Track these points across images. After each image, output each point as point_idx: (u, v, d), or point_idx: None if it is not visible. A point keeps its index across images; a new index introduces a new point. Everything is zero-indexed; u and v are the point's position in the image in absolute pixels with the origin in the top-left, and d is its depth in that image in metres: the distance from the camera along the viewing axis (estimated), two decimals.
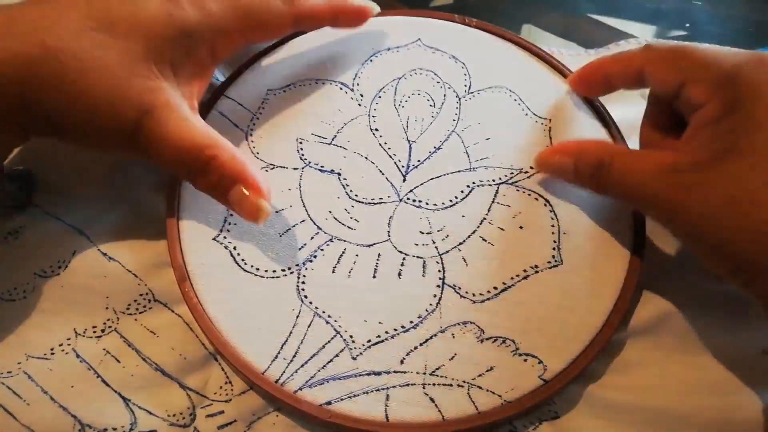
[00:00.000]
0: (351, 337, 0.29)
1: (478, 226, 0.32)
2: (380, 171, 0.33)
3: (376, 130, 0.34)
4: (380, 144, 0.34)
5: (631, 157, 0.28)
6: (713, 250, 0.26)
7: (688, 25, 0.45)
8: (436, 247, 0.31)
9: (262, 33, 0.32)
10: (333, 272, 0.31)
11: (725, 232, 0.25)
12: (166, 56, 0.29)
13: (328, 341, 0.29)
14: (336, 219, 0.32)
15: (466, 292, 0.30)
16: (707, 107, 0.27)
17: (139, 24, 0.28)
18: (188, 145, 0.28)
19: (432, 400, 0.28)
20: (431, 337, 0.29)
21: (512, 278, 0.30)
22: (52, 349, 0.30)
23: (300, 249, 0.31)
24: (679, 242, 0.32)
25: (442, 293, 0.30)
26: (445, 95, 0.35)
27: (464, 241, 0.31)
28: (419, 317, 0.30)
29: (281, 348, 0.29)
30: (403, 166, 0.33)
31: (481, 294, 0.30)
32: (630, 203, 0.30)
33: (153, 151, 0.28)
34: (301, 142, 0.34)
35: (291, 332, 0.29)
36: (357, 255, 0.31)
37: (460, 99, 0.35)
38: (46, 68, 0.27)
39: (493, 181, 0.33)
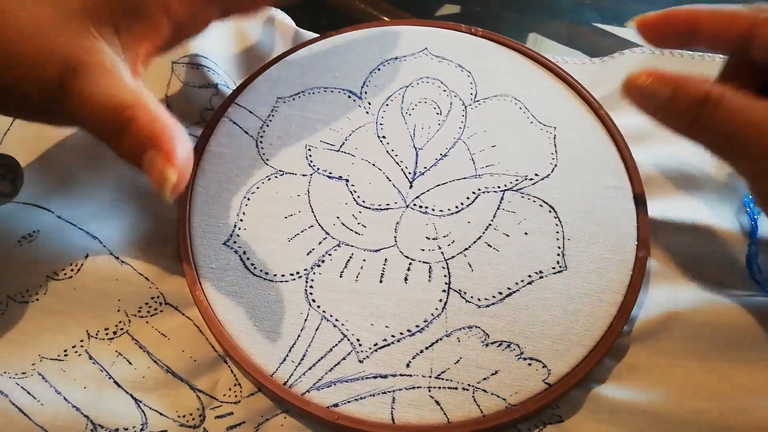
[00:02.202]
0: (358, 340, 0.30)
1: (484, 232, 0.32)
2: (387, 177, 0.34)
3: (384, 137, 0.35)
4: (387, 151, 0.35)
5: (744, 97, 0.25)
6: None
7: None
8: (442, 253, 0.32)
9: None
10: (340, 277, 0.31)
11: None
12: (105, 14, 0.27)
13: (336, 344, 0.30)
14: (344, 224, 0.32)
15: (472, 297, 0.30)
16: None
17: None
18: (110, 104, 0.25)
19: (437, 402, 0.28)
20: (437, 341, 0.30)
21: (517, 283, 0.31)
22: (65, 351, 0.31)
23: (308, 254, 0.32)
24: (683, 247, 0.33)
25: (447, 298, 0.30)
26: (451, 103, 0.36)
27: (470, 246, 0.32)
28: (425, 321, 0.30)
29: (289, 351, 0.29)
30: (409, 173, 0.34)
31: (486, 299, 0.30)
32: (728, 149, 0.26)
33: (75, 112, 0.26)
34: (309, 149, 0.35)
35: (299, 335, 0.30)
36: (364, 260, 0.32)
37: (466, 107, 0.36)
38: None
39: (499, 187, 0.33)
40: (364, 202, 0.33)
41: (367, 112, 0.36)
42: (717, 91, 0.25)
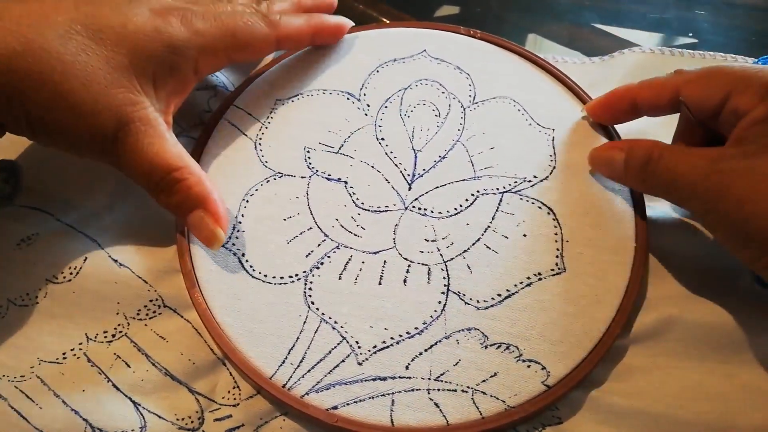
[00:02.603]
0: (357, 342, 0.30)
1: (483, 234, 0.32)
2: (386, 179, 0.34)
3: (383, 139, 0.35)
4: (386, 153, 0.35)
5: (678, 150, 0.29)
6: (752, 236, 0.26)
7: (691, 34, 0.46)
8: (440, 255, 0.32)
9: (246, 53, 0.33)
10: (339, 279, 0.31)
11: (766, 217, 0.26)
12: (149, 71, 0.30)
13: (335, 347, 0.30)
14: (342, 226, 0.32)
15: (471, 299, 0.30)
16: (756, 110, 0.27)
17: (127, 35, 0.29)
18: (159, 163, 0.29)
19: (436, 405, 0.28)
20: (436, 343, 0.30)
21: (516, 285, 0.31)
22: (64, 354, 0.31)
23: (307, 256, 0.32)
24: (681, 249, 0.33)
25: (446, 300, 0.30)
26: (450, 105, 0.36)
27: (469, 248, 0.32)
28: (424, 323, 0.30)
29: (288, 353, 0.29)
30: (408, 175, 0.34)
31: (485, 301, 0.30)
32: (672, 195, 0.30)
33: (125, 163, 0.30)
34: (308, 151, 0.35)
35: (298, 338, 0.30)
36: (363, 262, 0.32)
37: (464, 109, 0.36)
38: (28, 65, 0.27)
39: (498, 189, 0.33)
40: (363, 204, 0.33)
41: (366, 114, 0.36)
42: (657, 150, 0.29)
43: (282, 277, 0.31)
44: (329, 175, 0.34)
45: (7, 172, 0.33)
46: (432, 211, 0.33)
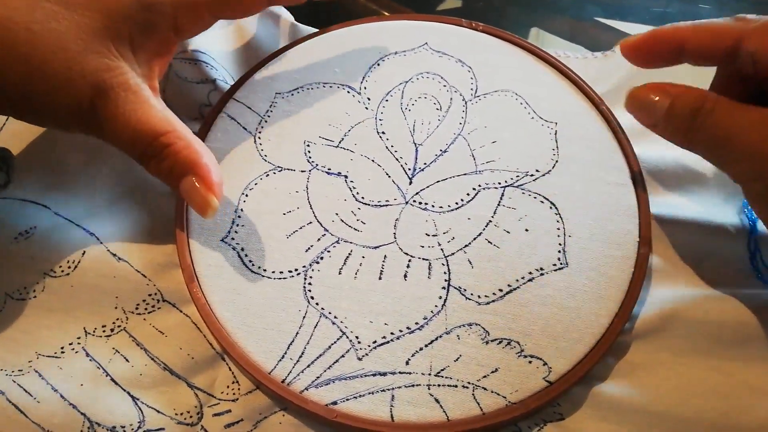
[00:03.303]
0: (357, 337, 0.29)
1: (484, 229, 0.32)
2: (387, 174, 0.33)
3: (383, 133, 0.35)
4: (387, 147, 0.34)
5: (736, 105, 0.26)
6: None
7: None
8: (441, 249, 0.31)
9: (233, 8, 0.31)
10: (339, 274, 0.31)
11: None
12: (124, 33, 0.28)
13: (334, 342, 0.29)
14: (343, 221, 0.32)
15: (472, 294, 0.30)
16: None
17: None
18: (144, 129, 0.28)
19: (437, 400, 0.28)
20: (436, 339, 0.29)
21: (517, 280, 0.31)
22: (62, 348, 0.30)
23: (307, 250, 0.31)
24: (685, 244, 0.32)
25: (447, 295, 0.30)
26: (451, 99, 0.36)
27: (470, 243, 0.31)
28: (425, 319, 0.30)
29: (288, 348, 0.29)
30: (409, 169, 0.34)
31: (486, 296, 0.30)
32: (717, 154, 0.27)
33: (108, 132, 0.28)
34: (308, 145, 0.34)
35: (297, 333, 0.30)
36: (363, 257, 0.31)
37: (466, 102, 0.35)
38: None
39: (499, 183, 0.33)
40: (363, 198, 0.33)
41: (367, 108, 0.36)
42: (711, 100, 0.27)
43: (281, 272, 0.31)
44: (329, 169, 0.34)
45: (0, 160, 0.33)
46: (433, 206, 0.32)
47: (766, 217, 0.27)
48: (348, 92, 0.36)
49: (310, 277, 0.31)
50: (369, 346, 0.29)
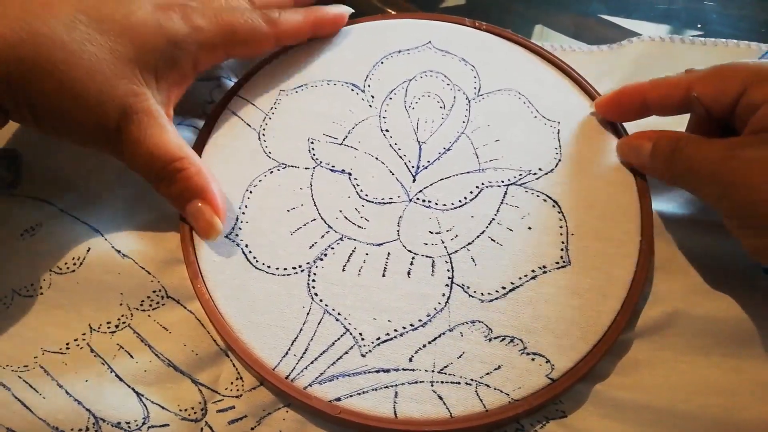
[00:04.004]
0: (360, 334, 0.30)
1: (487, 227, 0.32)
2: (390, 171, 0.34)
3: (387, 131, 0.35)
4: (390, 145, 0.34)
5: (698, 139, 0.29)
6: (764, 223, 0.26)
7: (699, 25, 0.45)
8: (445, 247, 0.31)
9: (245, 50, 0.34)
10: (343, 270, 0.31)
11: None
12: (151, 63, 0.30)
13: (338, 338, 0.29)
14: (346, 218, 0.32)
15: (475, 292, 0.30)
16: None
17: (131, 28, 0.29)
18: (161, 153, 0.30)
19: (440, 397, 0.28)
20: (440, 336, 0.29)
21: (520, 278, 0.31)
22: (67, 344, 0.31)
23: (311, 247, 0.32)
24: (687, 243, 0.32)
25: (450, 292, 0.30)
26: (455, 97, 0.36)
27: (473, 241, 0.32)
28: (428, 316, 0.30)
29: (292, 345, 0.29)
30: (413, 167, 0.34)
31: (489, 293, 0.30)
32: (691, 183, 0.30)
33: (127, 152, 0.30)
34: (312, 142, 0.35)
35: (301, 329, 0.30)
36: (367, 254, 0.31)
37: (469, 101, 0.36)
38: (33, 53, 0.27)
39: (502, 182, 0.33)
40: (366, 195, 0.33)
41: (371, 106, 0.36)
42: (683, 138, 0.30)
43: (285, 269, 0.31)
44: (333, 166, 0.34)
45: (8, 160, 0.33)
46: (436, 204, 0.33)
47: (739, 233, 0.29)
48: (352, 90, 0.36)
49: (314, 274, 0.31)
50: (372, 342, 0.29)
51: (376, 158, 0.34)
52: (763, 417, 0.28)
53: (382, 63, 0.37)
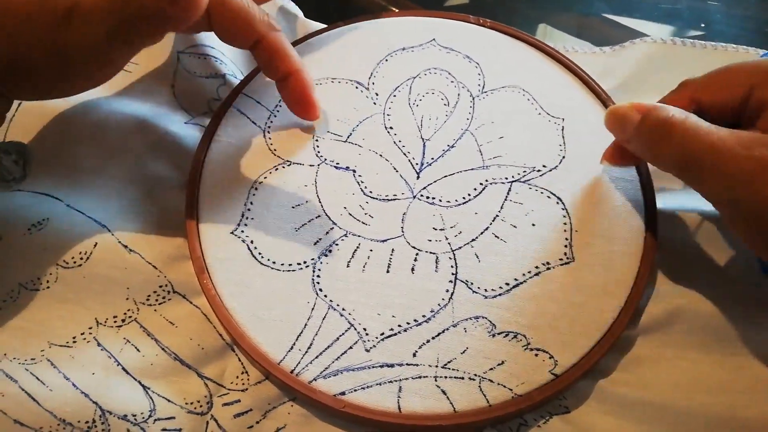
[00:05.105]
0: (365, 329, 0.30)
1: (491, 223, 0.32)
2: (394, 168, 0.34)
3: (391, 128, 0.35)
4: (395, 142, 0.35)
5: (704, 125, 0.27)
6: None
7: (703, 25, 0.46)
8: (448, 243, 0.32)
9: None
10: (347, 266, 0.31)
11: None
12: None
13: (342, 333, 0.30)
14: (351, 215, 0.33)
15: (479, 288, 0.30)
16: None
17: None
18: None
19: (444, 392, 0.28)
20: (443, 331, 0.30)
21: (524, 274, 0.31)
22: (74, 338, 0.31)
23: (315, 243, 0.32)
24: (691, 240, 0.32)
25: (454, 288, 0.31)
26: (459, 94, 0.36)
27: (477, 237, 0.32)
28: (432, 311, 0.30)
29: (297, 339, 0.30)
30: (417, 164, 0.34)
31: (493, 290, 0.30)
32: (686, 172, 0.27)
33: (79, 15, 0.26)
34: (317, 140, 0.35)
35: (306, 324, 0.30)
36: (371, 250, 0.32)
37: (473, 98, 0.36)
38: None
39: (506, 179, 0.33)
40: (371, 192, 0.33)
41: (375, 103, 0.36)
42: (678, 119, 0.27)
43: (290, 264, 0.31)
44: (337, 163, 0.34)
45: (16, 154, 0.33)
46: (440, 200, 0.33)
47: (742, 231, 0.27)
48: (356, 87, 0.36)
49: (319, 270, 0.31)
50: (377, 337, 0.30)
51: (381, 155, 0.34)
52: (765, 415, 0.28)
53: (386, 60, 0.37)
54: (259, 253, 0.32)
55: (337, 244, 0.32)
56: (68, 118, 0.35)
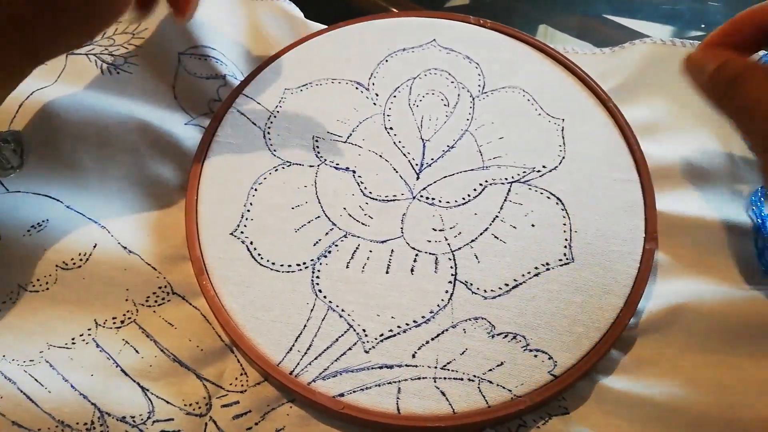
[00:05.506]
0: (364, 331, 0.30)
1: (491, 224, 0.32)
2: (394, 169, 0.34)
3: (391, 128, 0.35)
4: (395, 142, 0.34)
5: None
6: None
7: (703, 26, 0.45)
8: (448, 244, 0.32)
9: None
10: (347, 267, 0.31)
11: None
12: None
13: (342, 335, 0.30)
14: (350, 215, 0.32)
15: (478, 288, 0.30)
16: None
17: None
18: None
19: (443, 393, 0.28)
20: (443, 332, 0.30)
21: (523, 275, 0.31)
22: (73, 339, 0.31)
23: (315, 244, 0.32)
24: (691, 240, 0.32)
25: (453, 289, 0.30)
26: (459, 95, 0.36)
27: (476, 238, 0.32)
28: (431, 312, 0.30)
29: (296, 340, 0.30)
30: (416, 165, 0.34)
31: (492, 290, 0.30)
32: (743, 122, 0.27)
33: None
34: (317, 140, 0.35)
35: (305, 325, 0.30)
36: (370, 251, 0.32)
37: (473, 99, 0.36)
38: None
39: (506, 179, 0.33)
40: (371, 193, 0.33)
41: (375, 104, 0.36)
42: (750, 68, 0.27)
43: (290, 265, 0.31)
44: (337, 164, 0.34)
45: (15, 143, 0.33)
46: (440, 201, 0.33)
47: None
48: (356, 88, 0.36)
49: (318, 271, 0.31)
50: (376, 339, 0.30)
51: (380, 156, 0.34)
52: (765, 415, 0.28)
53: (386, 61, 0.37)
54: (259, 254, 0.32)
55: (336, 245, 0.32)
56: (68, 118, 0.35)
